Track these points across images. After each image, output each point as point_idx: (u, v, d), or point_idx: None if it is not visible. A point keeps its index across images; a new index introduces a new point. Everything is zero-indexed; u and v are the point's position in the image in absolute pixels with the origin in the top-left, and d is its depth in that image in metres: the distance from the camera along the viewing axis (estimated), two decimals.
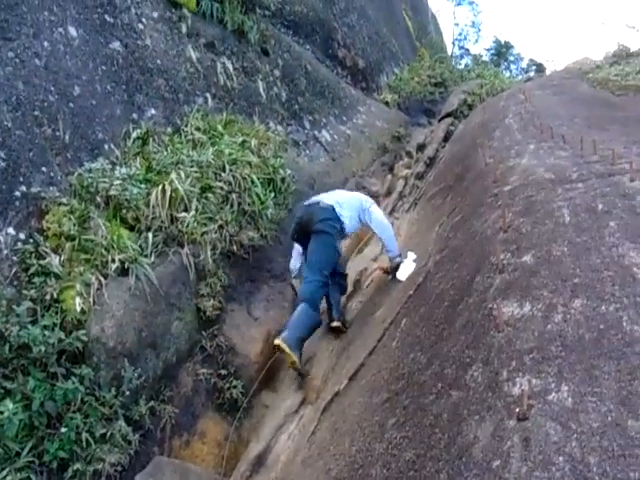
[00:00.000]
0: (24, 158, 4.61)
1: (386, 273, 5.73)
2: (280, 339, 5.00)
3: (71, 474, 3.76)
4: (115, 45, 6.53)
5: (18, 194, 4.46)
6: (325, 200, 5.76)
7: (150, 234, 5.07)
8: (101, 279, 4.45)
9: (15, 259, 4.26)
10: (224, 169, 6.16)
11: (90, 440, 3.89)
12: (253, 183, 6.37)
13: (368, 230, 6.43)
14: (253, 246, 6.26)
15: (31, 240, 4.41)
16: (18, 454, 3.61)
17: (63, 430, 3.78)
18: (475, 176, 5.90)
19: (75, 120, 5.43)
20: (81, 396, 3.94)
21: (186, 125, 7.02)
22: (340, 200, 5.79)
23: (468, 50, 40.40)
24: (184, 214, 5.37)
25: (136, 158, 5.87)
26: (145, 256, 4.89)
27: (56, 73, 5.40)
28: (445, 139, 11.45)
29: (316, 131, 10.28)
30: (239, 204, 6.14)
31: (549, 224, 3.41)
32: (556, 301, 2.58)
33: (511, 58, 40.88)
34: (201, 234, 5.40)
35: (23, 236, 4.39)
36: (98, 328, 4.22)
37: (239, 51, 8.97)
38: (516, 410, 2.07)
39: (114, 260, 4.60)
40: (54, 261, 4.34)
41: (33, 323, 3.95)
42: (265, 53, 9.76)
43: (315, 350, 5.51)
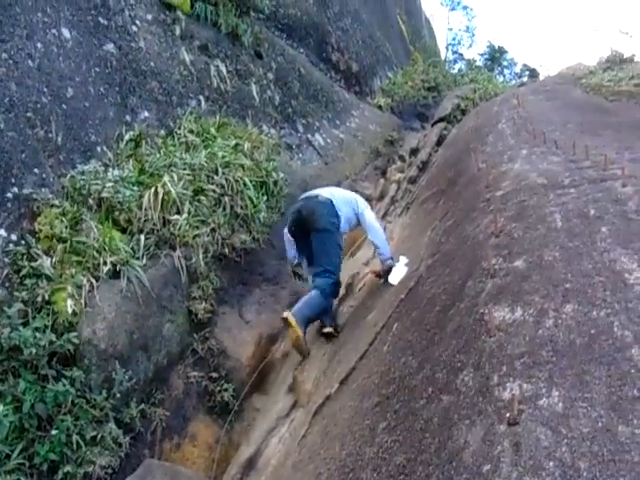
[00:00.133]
0: (16, 159, 4.59)
1: (378, 277, 5.75)
2: (288, 312, 5.15)
3: (61, 476, 3.75)
4: (109, 47, 6.52)
5: (10, 195, 4.45)
6: (323, 194, 5.79)
7: (142, 236, 5.07)
8: (93, 281, 4.44)
9: (7, 261, 4.24)
10: (217, 172, 6.16)
11: (81, 442, 3.87)
12: (246, 186, 6.37)
13: (361, 233, 6.45)
14: (245, 249, 6.26)
15: (23, 242, 4.40)
16: (8, 456, 3.59)
17: (54, 432, 3.77)
18: (468, 181, 5.92)
19: (68, 122, 5.42)
20: (72, 398, 3.92)
21: (179, 128, 7.02)
22: (337, 195, 5.84)
23: (462, 55, 40.51)
24: (176, 217, 5.36)
25: (129, 160, 5.86)
26: (137, 258, 4.88)
27: (49, 74, 5.38)
28: (438, 143, 11.47)
29: (309, 134, 10.29)
30: (231, 207, 6.14)
31: (541, 229, 3.42)
32: (547, 306, 2.59)
33: (505, 63, 41.03)
34: (193, 237, 5.40)
35: (15, 238, 4.38)
36: (89, 330, 4.20)
37: (233, 54, 8.97)
38: (507, 415, 2.07)
39: (106, 262, 4.59)
40: (46, 263, 4.32)
41: (24, 325, 3.94)
42: (259, 56, 9.76)
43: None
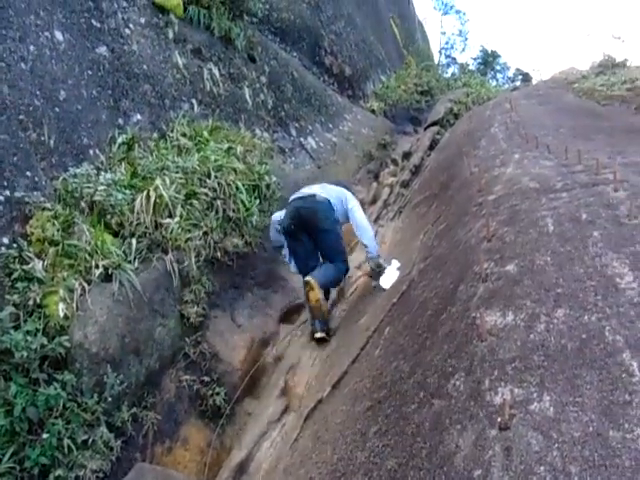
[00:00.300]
0: (8, 162, 4.57)
1: (370, 276, 5.77)
2: (310, 276, 5.45)
3: None
4: (101, 50, 6.51)
5: (2, 198, 4.42)
6: (320, 193, 5.85)
7: (134, 240, 5.04)
8: (84, 285, 4.41)
9: None
10: (209, 175, 6.14)
11: (72, 446, 3.84)
12: (238, 190, 6.36)
13: (353, 237, 6.46)
14: (237, 253, 6.25)
15: (14, 245, 4.37)
16: None
17: (45, 436, 3.74)
18: (460, 185, 5.94)
19: (60, 125, 5.40)
20: (63, 402, 3.89)
21: (172, 131, 7.00)
22: (331, 193, 5.90)
23: (455, 59, 40.78)
24: (168, 220, 5.34)
25: (121, 164, 5.84)
26: (129, 262, 4.85)
27: (42, 77, 5.36)
28: (431, 147, 11.53)
29: (302, 138, 10.30)
30: (224, 211, 6.12)
31: (533, 233, 3.43)
32: (539, 311, 2.60)
33: (498, 67, 41.27)
34: (185, 240, 5.38)
35: (6, 241, 4.35)
36: (81, 334, 4.18)
37: (226, 57, 8.97)
38: (498, 419, 2.08)
39: (98, 266, 4.57)
40: (37, 266, 4.30)
41: (16, 328, 3.91)
42: (252, 60, 9.77)
43: (299, 357, 5.50)
